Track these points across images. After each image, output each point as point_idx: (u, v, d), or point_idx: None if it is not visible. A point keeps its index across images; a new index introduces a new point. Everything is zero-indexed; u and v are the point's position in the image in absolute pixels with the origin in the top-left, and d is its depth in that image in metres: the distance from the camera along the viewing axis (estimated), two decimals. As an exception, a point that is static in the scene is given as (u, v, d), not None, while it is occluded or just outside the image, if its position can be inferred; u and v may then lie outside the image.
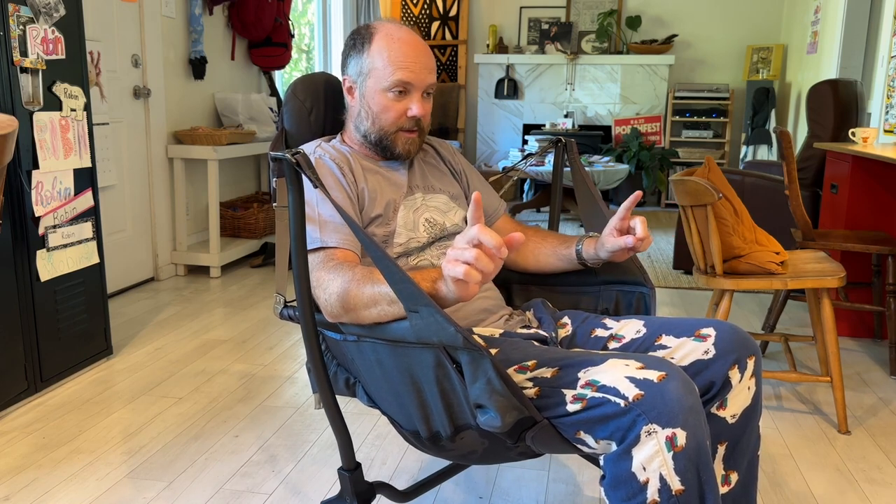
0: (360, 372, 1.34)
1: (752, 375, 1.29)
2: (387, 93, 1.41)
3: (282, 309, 1.36)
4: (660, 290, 3.79)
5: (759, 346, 1.48)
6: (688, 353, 1.30)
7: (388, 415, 1.34)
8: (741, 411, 1.30)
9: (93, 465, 1.93)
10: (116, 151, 3.48)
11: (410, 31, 1.43)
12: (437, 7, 7.16)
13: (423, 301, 1.08)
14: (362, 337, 1.26)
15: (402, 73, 1.39)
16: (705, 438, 1.08)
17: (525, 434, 1.15)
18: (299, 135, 1.56)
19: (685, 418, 1.05)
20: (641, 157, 6.12)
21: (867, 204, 2.92)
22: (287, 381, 2.51)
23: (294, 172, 1.16)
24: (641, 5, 6.88)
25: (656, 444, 1.05)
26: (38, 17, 2.28)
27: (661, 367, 1.09)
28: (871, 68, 4.83)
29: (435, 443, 1.26)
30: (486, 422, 1.10)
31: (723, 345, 1.28)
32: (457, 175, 1.62)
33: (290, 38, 4.77)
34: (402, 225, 1.44)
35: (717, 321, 1.33)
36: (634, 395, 1.06)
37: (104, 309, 2.64)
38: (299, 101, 1.54)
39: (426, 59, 1.42)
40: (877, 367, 2.73)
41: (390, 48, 1.39)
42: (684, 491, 1.06)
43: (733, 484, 1.34)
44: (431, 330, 1.10)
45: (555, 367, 1.19)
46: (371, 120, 1.44)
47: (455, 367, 1.12)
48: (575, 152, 1.68)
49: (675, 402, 1.05)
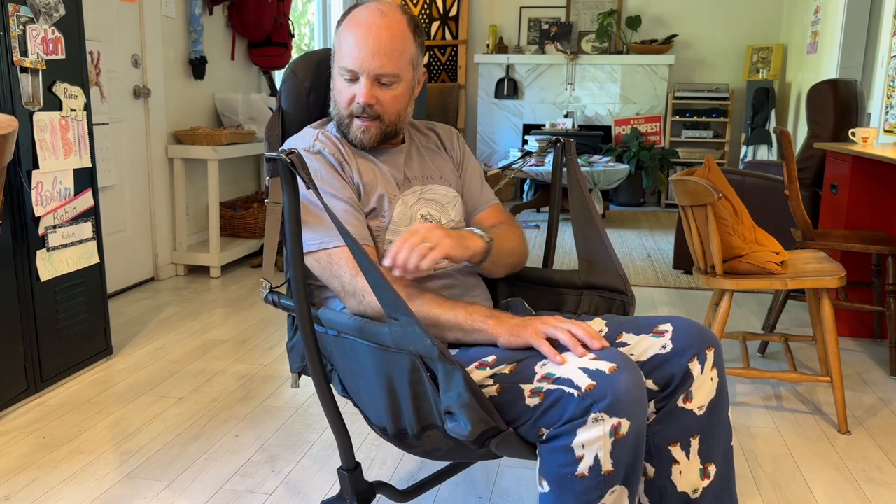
0: (338, 364, 1.38)
1: (713, 366, 1.32)
2: (339, 77, 1.39)
3: (266, 294, 1.37)
4: (660, 290, 3.79)
5: (718, 339, 1.51)
6: (646, 349, 1.33)
7: (358, 407, 1.39)
8: (707, 403, 1.32)
9: (93, 465, 1.93)
10: (116, 151, 3.48)
11: (380, 14, 1.35)
12: (437, 7, 7.16)
13: (404, 311, 1.13)
14: (343, 333, 1.30)
15: (347, 58, 1.35)
16: (644, 426, 1.14)
17: (489, 441, 1.19)
18: (297, 115, 1.52)
19: (631, 409, 1.10)
20: (641, 157, 6.12)
21: (867, 204, 2.92)
22: (287, 380, 2.51)
23: (289, 172, 1.16)
24: (641, 5, 6.88)
25: (601, 430, 1.09)
26: (38, 17, 2.28)
27: (613, 359, 1.13)
28: (871, 68, 4.83)
29: (401, 439, 1.30)
30: (453, 429, 1.15)
31: (680, 339, 1.31)
32: (456, 163, 1.59)
33: (290, 38, 4.78)
34: (399, 220, 1.42)
35: (675, 317, 1.36)
36: (587, 385, 1.10)
37: (104, 309, 2.64)
38: (298, 80, 1.51)
39: (378, 44, 1.34)
40: (877, 367, 2.73)
41: (347, 32, 1.36)
42: (612, 472, 1.12)
43: (712, 476, 1.36)
44: (409, 339, 1.15)
45: (512, 363, 1.22)
46: (333, 102, 1.43)
47: (429, 376, 1.17)
48: (573, 153, 1.68)
49: (624, 393, 1.09)
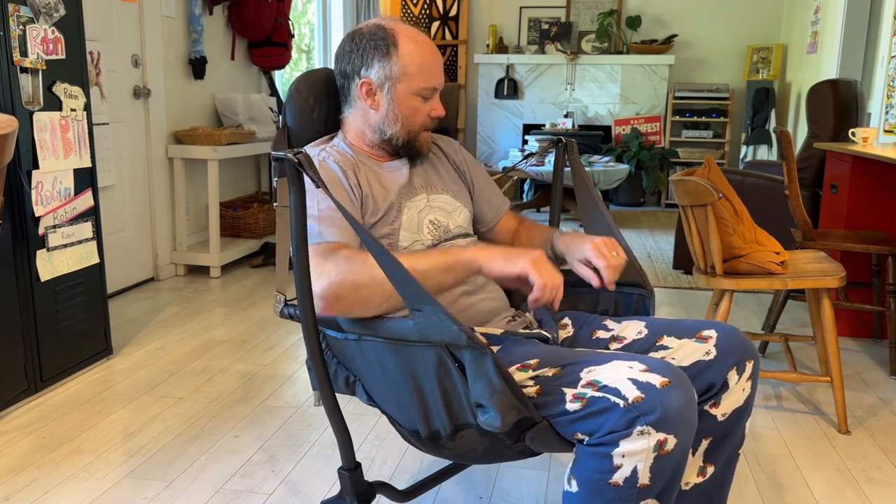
0: (361, 370, 1.34)
1: (748, 378, 1.31)
2: (417, 96, 1.45)
3: (282, 307, 1.36)
4: (660, 291, 3.79)
5: (757, 349, 1.50)
6: (689, 354, 1.31)
7: (387, 413, 1.35)
8: (732, 411, 1.32)
9: (93, 465, 1.93)
10: (116, 151, 3.48)
11: (425, 34, 1.50)
12: (437, 7, 7.16)
13: (427, 300, 1.09)
14: (364, 336, 1.27)
15: (433, 78, 1.45)
16: (690, 445, 1.11)
17: (524, 434, 1.16)
18: (302, 132, 1.55)
19: (681, 427, 1.07)
20: (641, 157, 6.12)
21: (867, 204, 2.92)
22: (287, 381, 2.51)
23: (296, 172, 1.16)
24: (641, 5, 6.88)
25: (646, 444, 1.07)
26: (38, 17, 2.28)
27: (666, 373, 1.10)
28: (871, 68, 4.83)
29: (434, 442, 1.26)
30: (485, 421, 1.11)
31: (724, 346, 1.30)
32: (461, 173, 1.62)
33: (290, 38, 4.78)
34: (406, 227, 1.43)
35: (719, 323, 1.34)
36: (635, 398, 1.07)
37: (104, 309, 2.64)
38: (302, 97, 1.54)
39: (440, 60, 1.49)
40: (877, 367, 2.73)
41: (421, 53, 1.44)
42: (648, 486, 1.09)
43: (708, 476, 1.36)
44: (435, 329, 1.11)
45: (557, 367, 1.20)
46: (401, 123, 1.46)
47: (457, 366, 1.13)
48: (575, 152, 1.68)
49: (675, 410, 1.07)
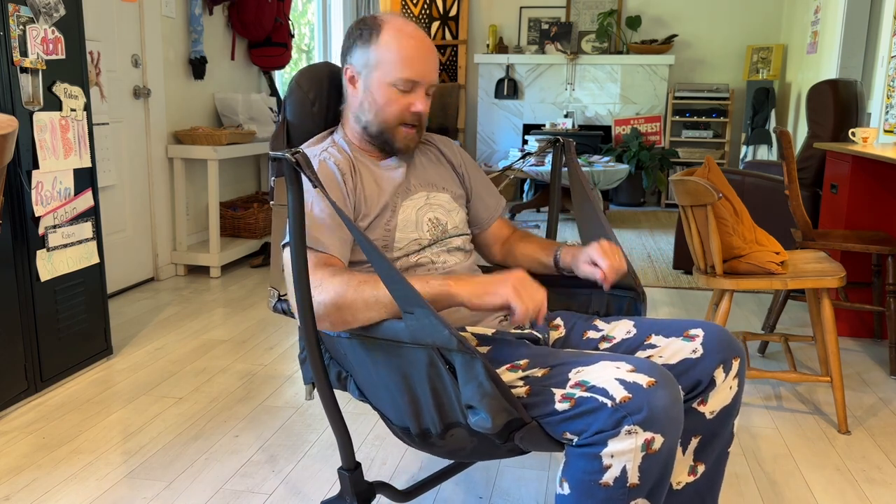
0: (353, 367, 1.35)
1: (735, 376, 1.32)
2: (392, 87, 1.41)
3: (276, 303, 1.37)
4: (660, 290, 3.79)
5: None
6: (676, 352, 1.32)
7: (378, 409, 1.36)
8: (720, 409, 1.33)
9: (93, 465, 1.93)
10: (116, 151, 3.48)
11: (417, 27, 1.44)
12: (437, 7, 7.16)
13: (419, 303, 1.11)
14: (356, 334, 1.28)
15: (411, 70, 1.40)
16: (677, 444, 1.12)
17: (514, 434, 1.17)
18: (302, 126, 1.54)
19: (667, 426, 1.08)
20: (641, 157, 6.12)
21: (867, 204, 2.92)
22: (287, 381, 2.51)
23: (293, 172, 1.16)
24: (641, 5, 6.88)
25: (633, 443, 1.08)
26: (38, 17, 2.28)
27: (652, 373, 1.11)
28: (871, 68, 4.83)
29: (424, 439, 1.28)
30: (476, 423, 1.13)
31: (711, 345, 1.31)
32: (459, 175, 1.61)
33: (290, 38, 4.77)
34: (404, 226, 1.43)
35: (705, 322, 1.36)
36: (622, 397, 1.08)
37: (104, 309, 2.64)
38: (303, 91, 1.53)
39: (433, 57, 1.43)
40: (877, 367, 2.73)
41: (400, 43, 1.40)
42: (638, 485, 1.10)
43: (699, 475, 1.36)
44: (426, 331, 1.13)
45: (546, 367, 1.21)
46: (374, 112, 1.43)
47: (447, 368, 1.14)
48: (572, 153, 1.68)
49: (661, 409, 1.08)
